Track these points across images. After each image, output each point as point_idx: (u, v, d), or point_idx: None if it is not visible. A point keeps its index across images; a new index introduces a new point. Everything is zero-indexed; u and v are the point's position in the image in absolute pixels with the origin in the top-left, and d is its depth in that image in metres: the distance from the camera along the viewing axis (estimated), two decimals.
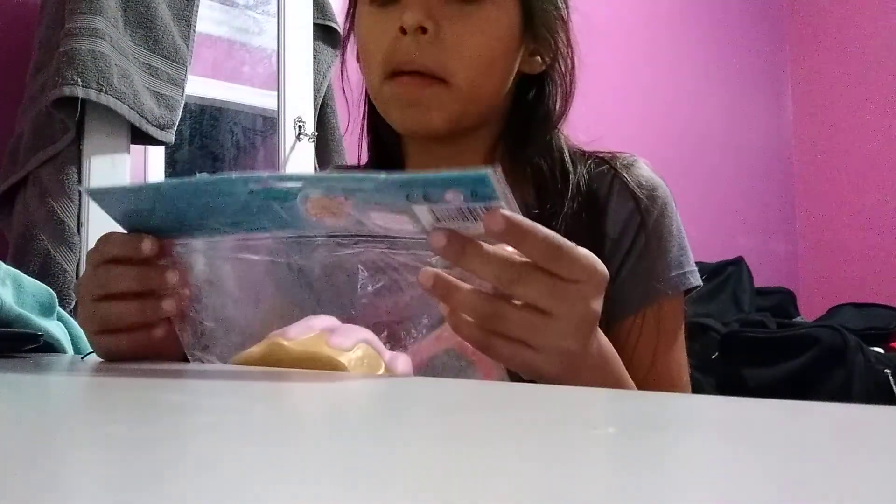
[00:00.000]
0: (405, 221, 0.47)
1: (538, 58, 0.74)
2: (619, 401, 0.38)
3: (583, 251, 0.47)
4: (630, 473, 0.20)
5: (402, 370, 0.49)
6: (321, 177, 0.46)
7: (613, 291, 0.69)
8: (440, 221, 0.46)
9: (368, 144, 0.82)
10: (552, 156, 0.75)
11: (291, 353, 0.48)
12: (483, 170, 0.42)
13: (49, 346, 0.70)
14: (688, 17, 3.07)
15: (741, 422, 0.29)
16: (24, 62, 1.42)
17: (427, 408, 0.35)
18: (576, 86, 0.77)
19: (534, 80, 0.76)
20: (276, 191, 0.47)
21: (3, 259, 0.84)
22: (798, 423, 0.29)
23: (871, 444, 0.24)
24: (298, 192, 0.47)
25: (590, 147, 0.78)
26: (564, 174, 0.74)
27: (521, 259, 0.46)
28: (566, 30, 0.76)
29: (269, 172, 0.48)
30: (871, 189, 3.20)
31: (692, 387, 0.76)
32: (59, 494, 0.18)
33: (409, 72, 0.68)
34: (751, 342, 1.92)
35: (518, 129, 0.75)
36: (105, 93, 1.32)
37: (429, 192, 0.43)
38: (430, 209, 0.45)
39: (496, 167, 0.42)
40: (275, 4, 1.81)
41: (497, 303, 0.47)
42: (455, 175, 0.42)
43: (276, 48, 1.79)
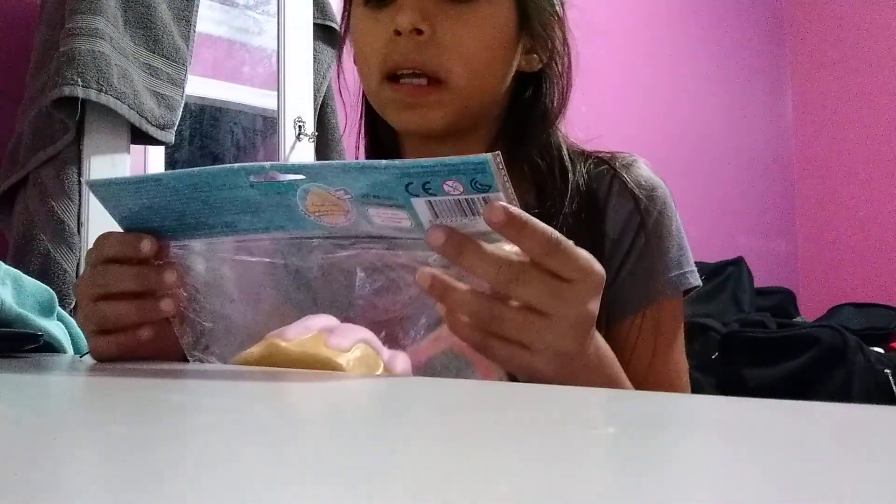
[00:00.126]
0: (403, 218, 0.47)
1: (535, 55, 0.74)
2: (619, 401, 0.38)
3: (580, 250, 0.47)
4: (630, 473, 0.20)
5: (401, 369, 0.49)
6: (322, 165, 0.46)
7: (613, 291, 0.70)
8: (438, 217, 0.46)
9: (366, 145, 0.82)
10: (551, 154, 0.74)
11: (289, 354, 0.48)
12: (483, 156, 0.42)
13: (49, 346, 0.70)
14: (688, 17, 3.07)
15: (741, 422, 0.29)
16: (24, 62, 1.42)
17: (427, 408, 0.35)
18: (573, 82, 0.77)
19: (532, 78, 0.76)
20: (278, 184, 0.47)
21: (3, 259, 0.84)
22: (798, 423, 0.29)
23: (871, 444, 0.24)
24: (299, 186, 0.47)
25: (589, 146, 0.78)
26: (564, 173, 0.74)
27: (519, 259, 0.46)
28: (562, 26, 0.76)
29: (271, 162, 0.48)
30: (871, 189, 3.20)
31: (692, 387, 0.76)
32: (59, 494, 0.18)
33: (407, 74, 0.68)
34: (751, 342, 1.92)
35: (516, 128, 0.75)
36: (105, 93, 1.32)
37: (428, 182, 0.43)
38: (429, 203, 0.45)
39: (497, 154, 0.42)
40: (275, 4, 1.81)
41: (494, 303, 0.47)
42: (455, 161, 0.43)
43: (276, 48, 1.79)
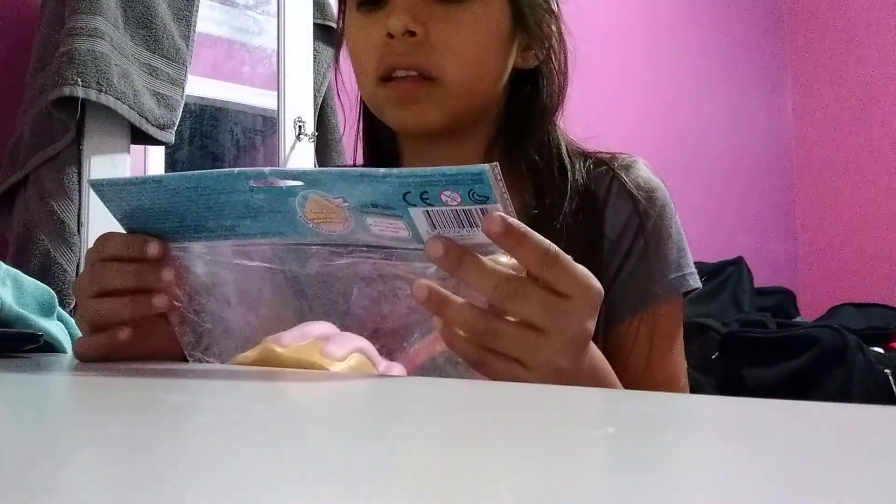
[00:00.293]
0: (401, 228, 0.46)
1: (532, 52, 0.74)
2: (619, 401, 0.38)
3: (579, 266, 0.47)
4: (630, 473, 0.20)
5: None
6: (321, 172, 0.46)
7: (612, 294, 0.70)
8: (436, 228, 0.45)
9: (364, 147, 0.82)
10: (550, 152, 0.74)
11: (283, 360, 0.48)
12: (481, 166, 0.42)
13: (49, 346, 0.70)
14: (688, 17, 3.07)
15: (741, 422, 0.29)
16: (24, 62, 1.42)
17: (427, 408, 0.35)
18: (570, 79, 0.76)
19: (529, 76, 0.75)
20: (277, 190, 0.47)
21: (3, 259, 0.84)
22: (798, 423, 0.29)
23: (871, 444, 0.24)
24: (298, 193, 0.47)
25: (589, 145, 0.78)
26: (563, 172, 0.73)
27: (517, 274, 0.46)
28: (557, 22, 0.75)
29: (270, 167, 0.48)
30: (871, 189, 3.20)
31: (692, 387, 0.76)
32: (59, 494, 0.18)
33: (403, 74, 0.68)
34: (751, 342, 1.92)
35: (516, 127, 0.75)
36: (105, 93, 1.32)
37: (426, 192, 0.43)
38: (427, 213, 0.45)
39: (494, 165, 0.42)
40: (275, 4, 1.81)
41: (491, 318, 0.46)
42: (453, 171, 0.42)
43: (276, 48, 1.79)
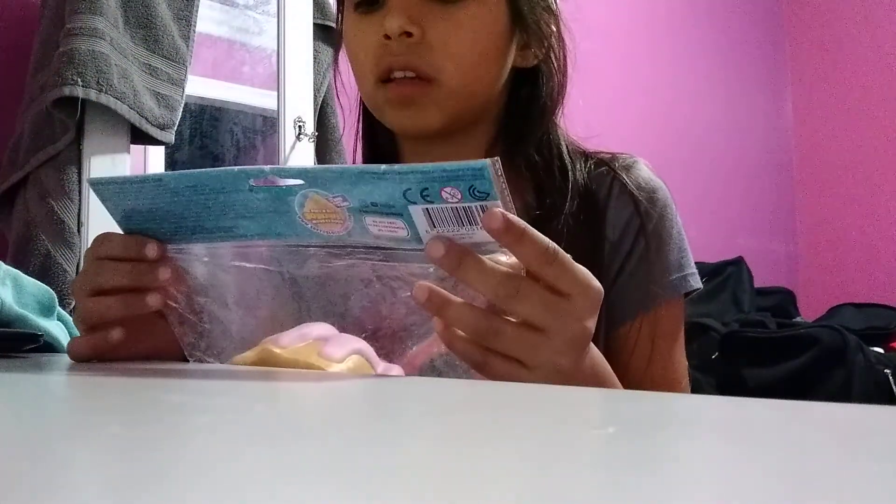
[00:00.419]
0: (400, 228, 0.46)
1: (531, 51, 0.74)
2: (619, 401, 0.38)
3: (579, 266, 0.46)
4: (630, 473, 0.20)
5: None
6: (321, 169, 0.46)
7: (613, 294, 0.70)
8: (435, 227, 0.45)
9: (363, 148, 0.82)
10: (551, 152, 0.74)
11: (282, 361, 0.48)
12: (482, 161, 0.42)
13: (49, 346, 0.70)
14: (688, 17, 3.07)
15: (741, 422, 0.29)
16: (24, 62, 1.42)
17: (427, 408, 0.35)
18: (570, 77, 0.76)
19: (528, 75, 0.75)
20: (277, 189, 0.47)
21: (3, 259, 0.84)
22: (798, 423, 0.29)
23: (871, 444, 0.24)
24: (298, 192, 0.47)
25: (589, 145, 0.78)
26: (563, 171, 0.73)
27: (517, 274, 0.46)
28: (556, 20, 0.75)
29: (270, 166, 0.48)
30: (871, 189, 3.20)
31: (692, 387, 0.76)
32: (59, 495, 0.18)
33: (401, 76, 0.68)
34: (751, 342, 1.92)
35: (516, 126, 0.75)
36: (105, 93, 1.32)
37: (427, 189, 0.43)
38: (427, 211, 0.44)
39: (496, 159, 0.42)
40: (275, 4, 1.81)
41: (492, 319, 0.46)
42: (454, 167, 0.42)
43: (276, 48, 1.79)
